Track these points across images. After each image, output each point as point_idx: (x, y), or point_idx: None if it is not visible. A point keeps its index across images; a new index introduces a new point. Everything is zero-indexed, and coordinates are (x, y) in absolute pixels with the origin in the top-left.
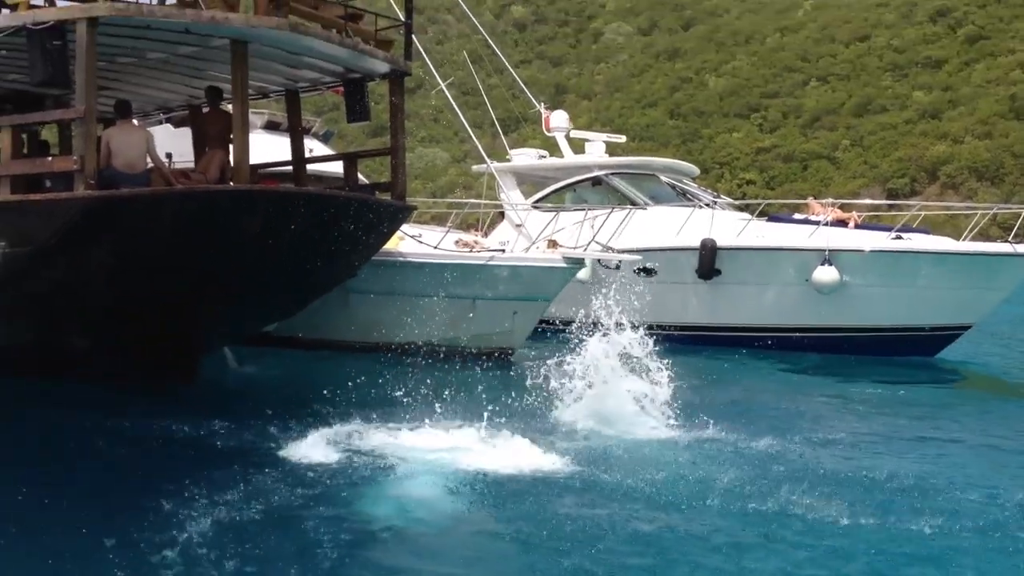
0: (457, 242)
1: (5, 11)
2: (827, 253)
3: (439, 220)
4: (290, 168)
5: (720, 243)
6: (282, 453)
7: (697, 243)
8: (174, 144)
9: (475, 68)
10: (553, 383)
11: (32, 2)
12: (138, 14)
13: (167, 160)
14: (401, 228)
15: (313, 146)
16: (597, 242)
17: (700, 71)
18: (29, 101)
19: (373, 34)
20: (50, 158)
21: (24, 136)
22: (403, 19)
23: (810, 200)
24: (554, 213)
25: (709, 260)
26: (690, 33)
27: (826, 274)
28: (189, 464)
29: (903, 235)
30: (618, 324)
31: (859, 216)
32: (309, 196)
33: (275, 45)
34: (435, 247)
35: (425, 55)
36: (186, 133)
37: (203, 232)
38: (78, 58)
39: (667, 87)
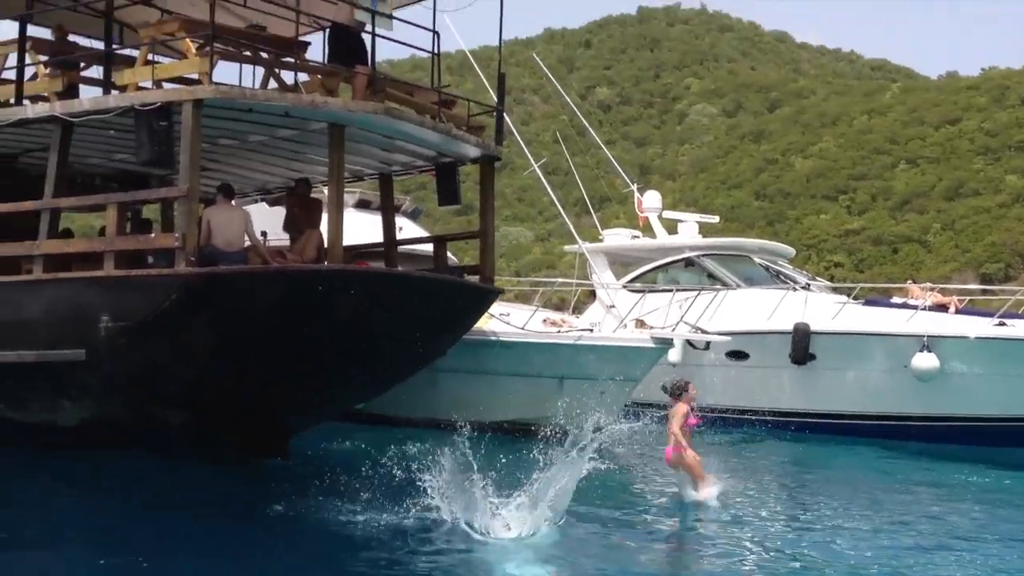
0: (545, 321)
1: (115, 92)
2: (926, 339)
3: (524, 298)
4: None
5: (814, 327)
6: (373, 530)
7: (790, 326)
8: (269, 222)
9: (560, 148)
10: (642, 465)
11: (140, 84)
12: (241, 97)
13: (263, 238)
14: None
15: (403, 224)
16: (686, 323)
17: (786, 152)
18: (134, 180)
19: (466, 119)
20: (153, 235)
21: (128, 213)
22: (495, 105)
23: (909, 284)
24: (642, 294)
25: (802, 344)
26: (775, 115)
27: (926, 361)
28: (281, 540)
29: (1006, 321)
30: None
31: (959, 301)
32: (400, 277)
33: (371, 129)
34: (523, 327)
35: (519, 137)
36: (280, 212)
37: (297, 310)
38: (183, 139)
39: (752, 168)
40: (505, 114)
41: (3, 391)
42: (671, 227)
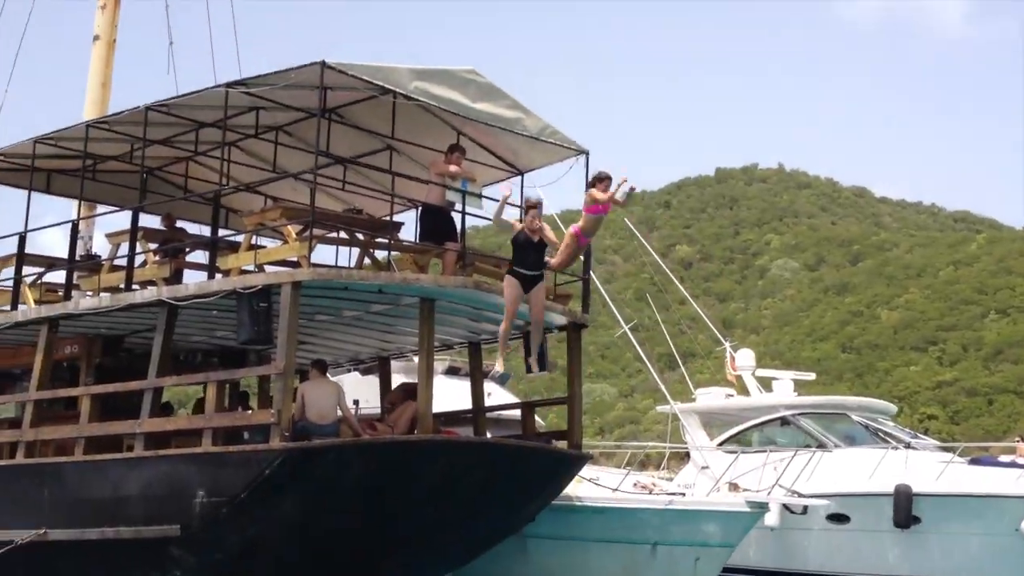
0: (635, 484)
1: (218, 275)
2: None
3: (608, 456)
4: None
5: (916, 488)
6: None
7: (891, 488)
8: (361, 391)
9: (642, 305)
10: None
11: (242, 268)
12: (337, 277)
13: (354, 407)
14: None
15: (491, 389)
16: (781, 486)
17: (871, 304)
18: (233, 354)
19: (552, 289)
20: (250, 411)
21: (227, 387)
22: (580, 275)
23: (1018, 441)
24: (735, 455)
25: (904, 507)
26: (858, 267)
27: None
28: None
29: None
30: None
31: None
32: (488, 446)
33: (460, 302)
34: (614, 490)
35: (609, 302)
36: (372, 380)
37: (388, 480)
38: (281, 318)
39: (837, 320)
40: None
41: (102, 567)
42: (765, 384)
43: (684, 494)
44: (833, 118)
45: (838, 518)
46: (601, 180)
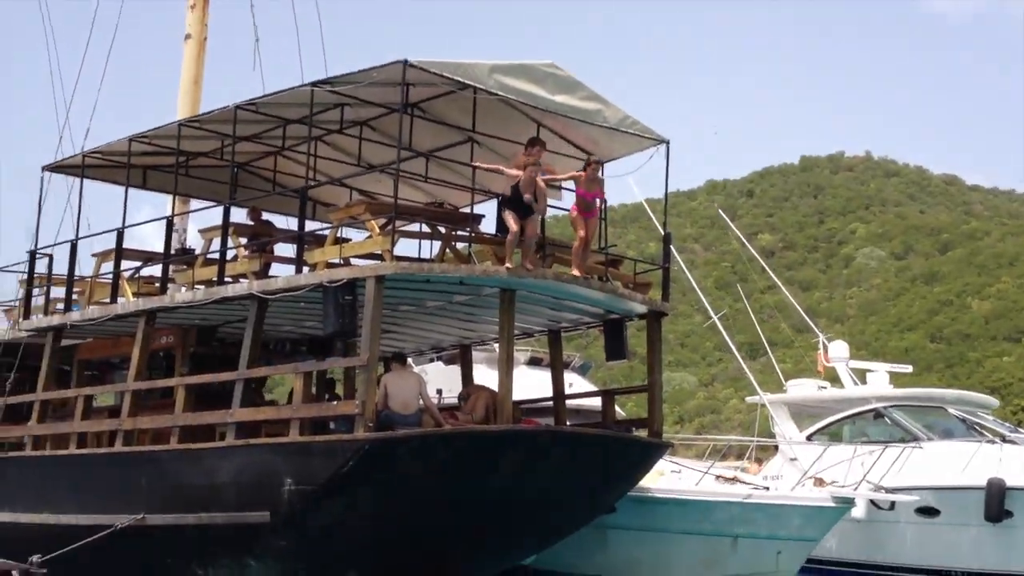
0: (718, 478)
1: (306, 269)
2: None
3: (687, 448)
4: (551, 402)
5: (1010, 482)
6: None
7: (983, 482)
8: (444, 380)
9: (722, 294)
10: None
11: (328, 261)
12: (419, 271)
13: (437, 396)
14: (660, 462)
15: (572, 379)
16: (868, 481)
17: (961, 294)
18: (321, 343)
19: (632, 277)
20: (335, 402)
21: (313, 376)
22: (660, 263)
23: None
24: (823, 448)
25: (997, 500)
26: (948, 256)
27: None
28: None
29: None
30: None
31: None
32: (566, 435)
33: (540, 292)
34: (696, 484)
35: (700, 293)
36: (455, 370)
37: (469, 468)
38: (366, 311)
39: (926, 310)
40: (674, 265)
41: (196, 551)
42: (860, 376)
43: (768, 487)
44: (923, 106)
45: (928, 512)
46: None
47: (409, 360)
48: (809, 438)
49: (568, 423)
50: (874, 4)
